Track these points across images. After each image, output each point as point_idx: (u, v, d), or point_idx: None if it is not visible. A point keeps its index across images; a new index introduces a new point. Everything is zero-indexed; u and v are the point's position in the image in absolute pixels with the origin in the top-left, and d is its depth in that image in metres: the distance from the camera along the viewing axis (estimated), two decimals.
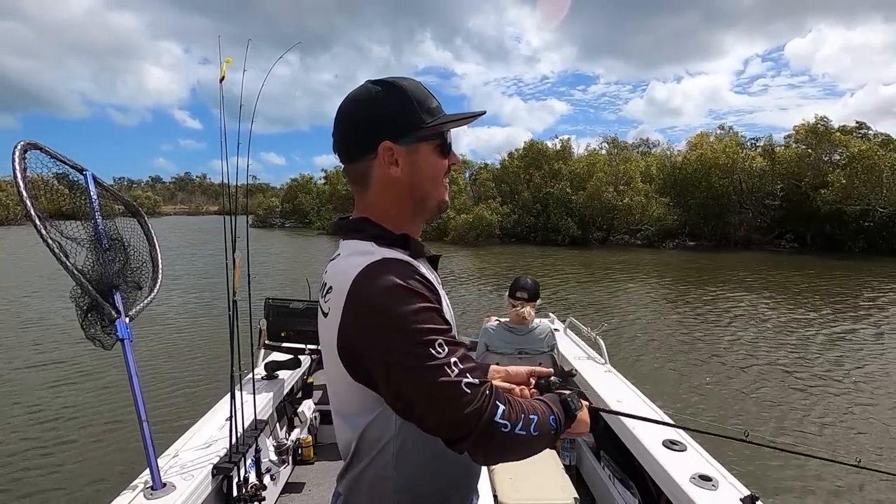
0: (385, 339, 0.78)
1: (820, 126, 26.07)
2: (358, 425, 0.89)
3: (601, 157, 32.05)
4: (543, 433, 0.85)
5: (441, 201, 0.96)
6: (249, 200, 37.55)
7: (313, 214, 44.00)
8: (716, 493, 1.78)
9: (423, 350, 0.77)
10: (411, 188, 0.92)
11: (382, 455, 0.88)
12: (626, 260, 21.28)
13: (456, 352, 0.79)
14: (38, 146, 1.76)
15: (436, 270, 1.01)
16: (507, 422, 0.79)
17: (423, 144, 0.91)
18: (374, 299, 0.79)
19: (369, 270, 0.81)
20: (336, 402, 0.94)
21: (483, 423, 0.77)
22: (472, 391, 0.78)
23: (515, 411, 0.82)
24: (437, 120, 0.90)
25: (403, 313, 0.77)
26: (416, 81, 0.92)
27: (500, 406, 0.80)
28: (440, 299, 0.86)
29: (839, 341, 8.37)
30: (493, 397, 0.80)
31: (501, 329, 3.04)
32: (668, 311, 10.96)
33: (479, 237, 27.92)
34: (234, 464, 2.05)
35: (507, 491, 2.28)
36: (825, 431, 5.01)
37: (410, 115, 0.89)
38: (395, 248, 0.89)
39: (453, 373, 0.77)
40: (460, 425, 0.78)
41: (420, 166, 0.91)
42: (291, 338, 2.93)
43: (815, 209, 24.44)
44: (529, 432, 0.82)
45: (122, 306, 1.93)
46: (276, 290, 10.85)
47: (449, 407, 0.77)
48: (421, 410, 0.80)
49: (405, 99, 0.88)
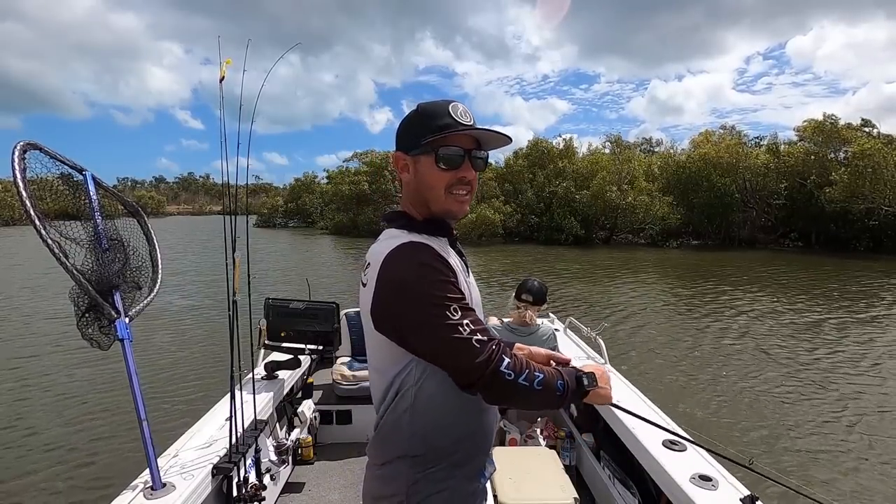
0: (411, 303, 0.96)
1: (827, 123, 25.93)
2: (387, 376, 1.05)
3: (604, 156, 31.97)
4: (546, 389, 0.98)
5: (446, 210, 1.09)
6: (253, 200, 37.85)
7: (316, 214, 44.07)
8: (716, 493, 1.77)
9: (441, 312, 0.95)
10: (417, 192, 1.10)
11: (401, 402, 1.04)
12: (630, 259, 21.23)
13: (468, 315, 0.97)
14: (38, 146, 1.76)
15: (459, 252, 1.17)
16: (511, 371, 0.95)
17: (424, 157, 1.06)
18: (401, 273, 0.98)
19: (398, 250, 1.00)
20: (371, 357, 1.11)
21: (490, 370, 0.94)
22: (481, 346, 0.95)
23: (520, 364, 0.97)
24: (434, 135, 1.04)
25: (424, 284, 0.96)
26: (443, 103, 1.07)
27: (505, 359, 0.96)
28: (457, 275, 1.02)
29: (847, 340, 8.32)
30: (500, 352, 0.96)
31: (504, 330, 3.05)
32: (671, 310, 10.92)
33: (482, 236, 27.91)
34: (234, 464, 2.05)
35: (507, 491, 2.28)
36: (834, 444, 4.88)
37: (416, 130, 1.06)
38: (423, 234, 1.06)
39: (466, 331, 0.95)
40: (471, 372, 0.95)
41: (421, 175, 1.08)
42: (291, 338, 2.93)
43: (820, 208, 24.30)
44: (532, 385, 0.97)
45: (121, 306, 1.93)
46: (276, 291, 10.88)
47: (462, 357, 0.95)
48: (441, 359, 0.99)
49: (420, 117, 1.07)
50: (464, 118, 1.05)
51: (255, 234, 35.93)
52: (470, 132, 1.05)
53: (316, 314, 2.98)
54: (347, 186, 36.60)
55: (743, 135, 31.39)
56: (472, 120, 1.07)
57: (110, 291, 1.92)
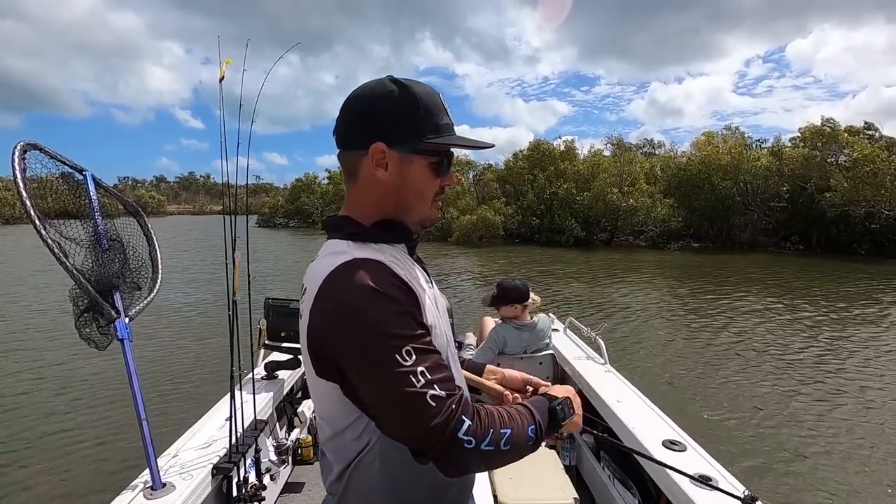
0: (350, 342, 0.77)
1: (826, 127, 25.92)
2: (339, 427, 0.87)
3: (605, 158, 31.97)
4: (516, 446, 0.82)
5: (425, 219, 0.93)
6: (253, 200, 37.95)
7: (317, 214, 44.09)
8: (715, 493, 1.77)
9: (389, 356, 0.74)
10: (396, 195, 0.89)
11: (367, 457, 0.87)
12: (630, 261, 21.22)
13: (425, 360, 0.76)
14: (38, 146, 1.76)
15: (419, 260, 0.99)
16: (471, 437, 0.76)
17: (419, 157, 0.88)
18: (340, 301, 0.78)
19: (338, 272, 0.80)
20: (317, 404, 0.92)
21: (446, 438, 0.75)
22: (438, 404, 0.75)
23: (484, 426, 0.78)
24: (441, 138, 0.87)
25: (370, 316, 0.75)
26: (435, 93, 0.89)
27: (465, 421, 0.76)
28: (417, 300, 0.83)
29: (846, 341, 8.30)
30: (460, 411, 0.76)
31: (512, 328, 3.13)
32: (671, 311, 10.92)
33: (482, 238, 27.90)
34: (234, 464, 2.05)
35: (507, 491, 2.28)
36: (832, 445, 4.87)
37: (413, 124, 0.86)
38: (373, 242, 0.87)
39: (419, 383, 0.74)
40: (422, 438, 0.76)
41: (409, 178, 0.89)
42: (291, 338, 2.93)
43: (821, 211, 24.25)
44: (498, 447, 0.79)
45: (121, 306, 1.93)
46: (276, 291, 10.86)
47: (411, 419, 0.75)
48: (384, 418, 0.79)
49: (414, 106, 0.86)
50: (450, 115, 0.92)
51: (255, 233, 35.95)
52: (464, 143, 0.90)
53: None
54: None
55: (746, 136, 31.44)
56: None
57: (110, 291, 1.92)
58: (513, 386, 1.14)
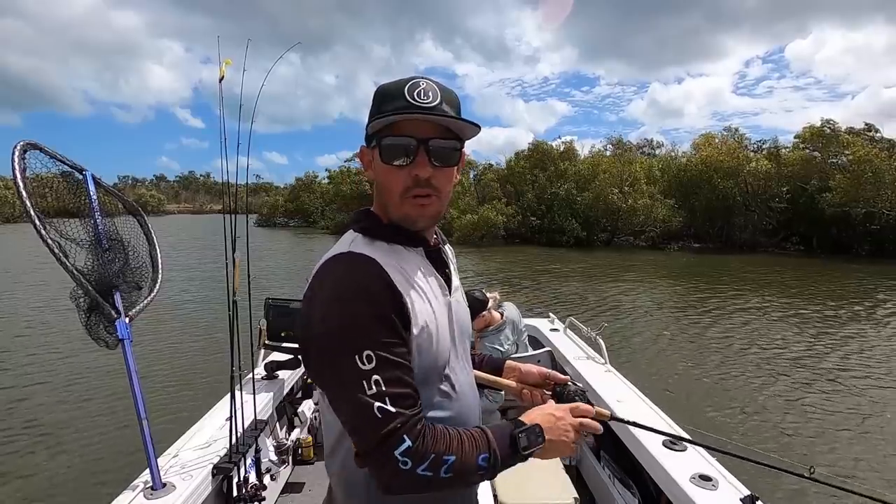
0: (319, 334, 0.78)
1: (826, 128, 25.91)
2: (332, 419, 0.87)
3: (605, 158, 31.98)
4: (460, 474, 0.78)
5: (403, 216, 0.87)
6: (253, 200, 37.87)
7: (317, 214, 44.10)
8: (716, 493, 1.77)
9: (347, 356, 0.75)
10: (377, 192, 0.90)
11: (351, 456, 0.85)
12: (631, 261, 21.22)
13: (384, 369, 0.75)
14: (38, 146, 1.76)
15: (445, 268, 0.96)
16: (407, 459, 0.74)
17: (375, 150, 0.86)
18: (320, 294, 0.79)
19: (329, 263, 0.83)
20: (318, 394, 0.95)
21: (381, 452, 0.74)
22: (384, 417, 0.74)
23: (425, 449, 0.76)
24: (375, 119, 0.83)
25: (342, 313, 0.76)
26: (402, 81, 0.84)
27: (405, 441, 0.74)
28: (403, 306, 0.80)
29: (851, 345, 8.28)
30: (403, 430, 0.75)
31: (493, 335, 3.19)
32: (672, 311, 10.92)
33: (483, 238, 27.91)
34: (234, 464, 2.05)
35: (507, 491, 2.28)
36: (834, 445, 4.87)
37: (371, 117, 0.85)
38: (385, 240, 0.86)
39: (370, 391, 0.74)
40: (362, 443, 0.77)
41: (375, 171, 0.88)
42: (291, 338, 2.93)
43: (822, 212, 24.28)
44: (437, 474, 0.76)
45: (121, 306, 1.93)
46: (277, 291, 10.86)
47: (355, 423, 0.77)
48: (338, 413, 0.81)
49: (374, 100, 0.86)
50: (422, 99, 0.81)
51: (255, 233, 35.94)
52: (426, 117, 0.81)
53: None
54: (349, 186, 36.64)
55: (745, 138, 31.40)
56: (435, 101, 0.82)
57: (110, 291, 1.92)
58: (530, 381, 1.12)
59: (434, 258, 0.94)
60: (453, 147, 0.86)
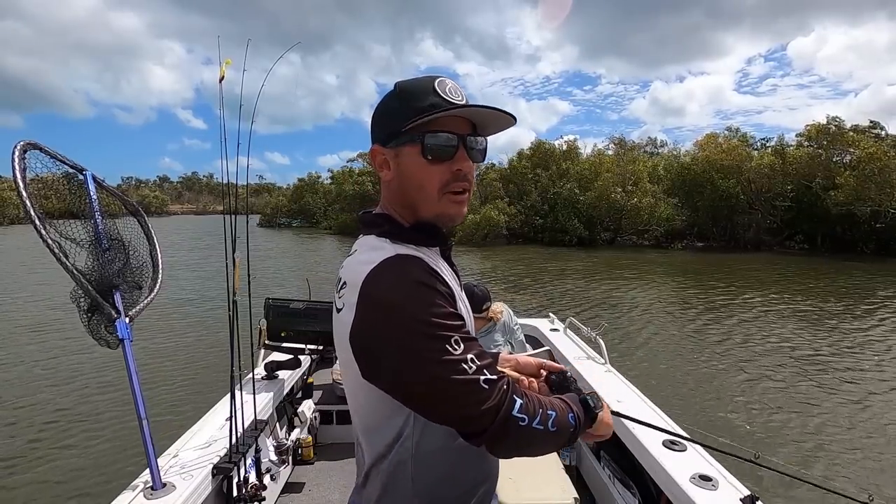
0: (399, 336, 0.77)
1: (832, 126, 25.77)
2: (374, 425, 0.88)
3: (608, 157, 31.92)
4: (562, 429, 0.83)
5: (439, 214, 0.89)
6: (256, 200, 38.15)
7: (320, 214, 44.17)
8: (716, 493, 1.76)
9: (440, 346, 0.76)
10: (400, 193, 0.90)
11: (400, 455, 0.87)
12: (634, 260, 21.18)
13: (472, 348, 0.78)
14: (38, 146, 1.77)
15: (451, 264, 0.99)
16: (524, 415, 0.79)
17: (407, 147, 0.86)
18: (387, 296, 0.78)
19: (382, 267, 0.81)
20: (352, 400, 0.91)
21: (500, 417, 0.77)
22: (490, 387, 0.77)
23: (534, 405, 0.81)
24: (421, 117, 0.83)
25: (417, 310, 0.77)
26: (427, 79, 0.86)
27: (517, 400, 0.79)
28: (454, 294, 0.84)
29: (854, 345, 8.26)
30: (511, 391, 0.79)
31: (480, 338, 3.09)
32: (674, 311, 10.89)
33: (486, 237, 27.89)
34: (234, 464, 2.05)
35: (507, 491, 2.27)
36: (835, 445, 4.86)
37: (395, 115, 0.86)
38: (410, 243, 0.88)
39: (471, 369, 0.76)
40: (478, 420, 0.78)
41: (404, 171, 0.88)
42: (291, 338, 2.93)
43: (826, 210, 24.15)
44: (547, 427, 0.81)
45: (122, 306, 1.93)
46: (278, 291, 10.88)
47: (467, 403, 0.77)
48: (438, 407, 0.80)
49: (399, 99, 0.86)
50: (454, 96, 0.85)
51: (258, 234, 36.01)
52: (462, 113, 0.85)
53: (316, 314, 2.98)
54: (351, 186, 36.66)
55: (749, 136, 31.28)
56: (464, 98, 0.86)
57: (110, 291, 1.93)
58: (527, 371, 1.12)
59: (445, 257, 0.97)
60: (483, 147, 0.91)
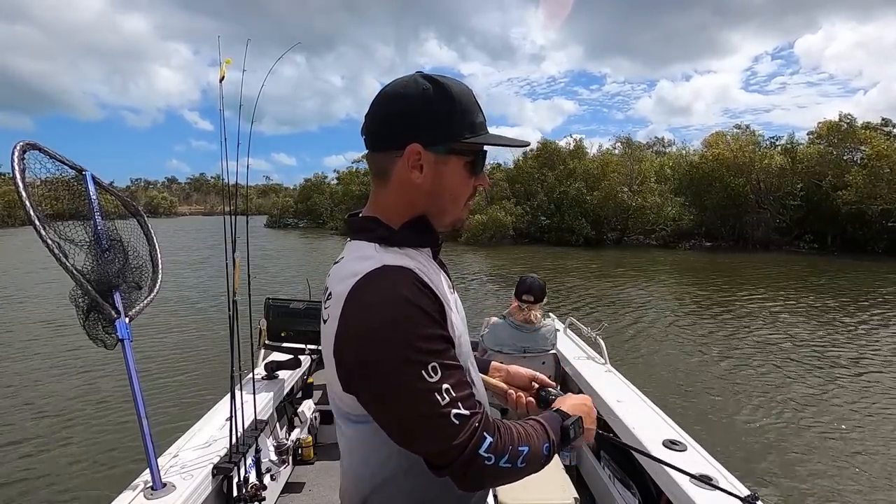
0: (374, 359, 0.74)
1: (843, 123, 25.47)
2: (364, 433, 0.85)
3: (615, 156, 31.78)
4: (531, 463, 0.82)
5: (457, 220, 0.91)
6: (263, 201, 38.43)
7: (326, 215, 44.32)
8: (716, 493, 1.75)
9: (415, 373, 0.72)
10: (430, 199, 0.86)
11: (393, 471, 0.86)
12: (641, 261, 21.07)
13: (449, 377, 0.75)
14: (38, 146, 1.78)
15: (442, 265, 0.96)
16: (491, 455, 0.76)
17: (455, 158, 0.85)
18: (366, 316, 0.75)
19: (366, 280, 0.77)
20: (337, 405, 0.89)
21: (466, 455, 0.75)
22: (461, 423, 0.74)
23: (504, 443, 0.78)
24: (478, 137, 0.85)
25: (395, 333, 0.73)
26: (469, 90, 0.86)
27: (487, 438, 0.76)
28: (444, 311, 0.81)
29: (859, 346, 8.16)
30: (482, 428, 0.76)
31: (508, 326, 3.01)
32: (678, 312, 10.82)
33: (492, 238, 27.85)
34: (234, 464, 2.05)
35: (507, 491, 2.27)
36: (836, 445, 4.80)
37: (450, 123, 0.83)
38: (403, 245, 0.85)
39: (444, 401, 0.73)
40: (443, 455, 0.75)
41: (445, 180, 0.85)
42: (291, 338, 2.94)
43: (836, 209, 23.86)
44: (515, 465, 0.79)
45: (121, 306, 1.94)
46: (277, 291, 10.92)
47: (434, 436, 0.75)
48: (406, 434, 0.78)
49: (451, 105, 0.83)
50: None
51: (264, 234, 36.17)
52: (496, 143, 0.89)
53: (316, 314, 2.97)
54: (357, 187, 36.75)
55: (758, 134, 30.97)
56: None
57: (110, 291, 1.93)
58: (517, 383, 1.12)
59: (436, 258, 0.95)
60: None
